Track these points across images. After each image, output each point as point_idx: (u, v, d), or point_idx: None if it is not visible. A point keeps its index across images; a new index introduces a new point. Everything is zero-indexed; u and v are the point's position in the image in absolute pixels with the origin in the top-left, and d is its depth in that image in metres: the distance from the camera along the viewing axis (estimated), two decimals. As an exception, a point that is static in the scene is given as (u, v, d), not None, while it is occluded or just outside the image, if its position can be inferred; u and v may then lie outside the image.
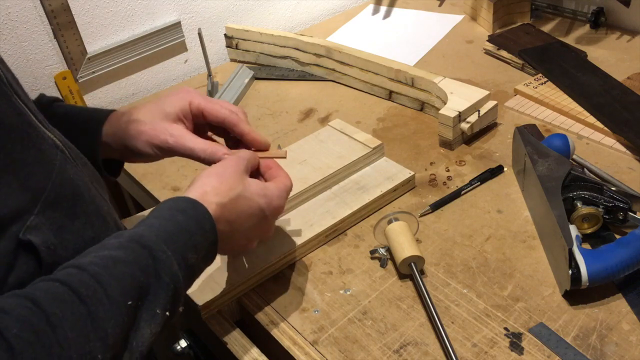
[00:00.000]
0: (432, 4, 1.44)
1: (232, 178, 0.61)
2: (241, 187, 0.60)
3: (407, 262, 0.71)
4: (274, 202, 0.63)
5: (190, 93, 0.70)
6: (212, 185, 0.59)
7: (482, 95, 0.94)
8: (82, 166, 0.60)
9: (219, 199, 0.58)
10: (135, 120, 0.68)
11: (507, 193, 0.85)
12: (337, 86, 1.16)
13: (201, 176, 0.61)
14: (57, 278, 0.46)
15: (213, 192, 0.59)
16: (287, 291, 0.74)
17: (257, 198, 0.62)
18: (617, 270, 0.65)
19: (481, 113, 0.93)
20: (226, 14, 1.30)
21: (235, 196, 0.60)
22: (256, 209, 0.62)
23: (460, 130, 0.92)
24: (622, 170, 0.85)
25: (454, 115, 0.90)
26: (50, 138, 0.55)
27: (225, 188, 0.59)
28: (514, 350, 0.63)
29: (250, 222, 0.62)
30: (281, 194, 0.64)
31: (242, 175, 0.62)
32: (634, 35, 1.18)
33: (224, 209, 0.58)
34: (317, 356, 0.65)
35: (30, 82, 1.08)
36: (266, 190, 0.63)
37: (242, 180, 0.61)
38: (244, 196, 0.61)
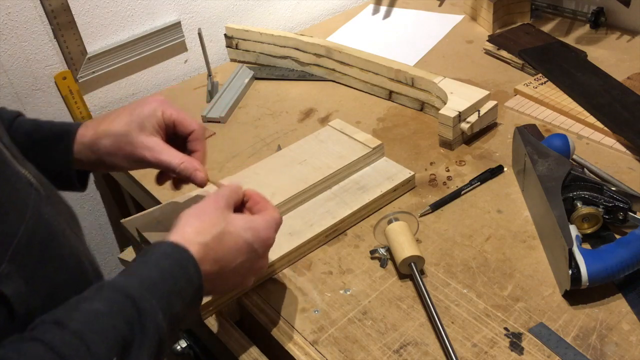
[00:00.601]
0: (432, 4, 1.44)
1: (213, 215, 0.58)
2: (224, 223, 0.58)
3: (407, 262, 0.71)
4: (262, 234, 0.60)
5: (162, 103, 0.69)
6: (193, 225, 0.57)
7: (482, 95, 0.94)
8: (56, 203, 0.58)
9: (202, 238, 0.56)
10: (112, 134, 0.66)
11: (507, 193, 0.85)
12: (337, 86, 1.16)
13: (181, 217, 0.59)
14: (37, 337, 0.43)
15: (194, 232, 0.56)
16: (287, 291, 0.74)
17: (243, 232, 0.59)
18: (617, 270, 0.65)
19: (481, 113, 0.93)
20: (226, 14, 1.30)
21: (218, 233, 0.57)
22: (243, 244, 0.59)
23: (460, 130, 0.92)
24: (622, 170, 0.85)
25: (454, 115, 0.90)
26: (24, 175, 0.53)
27: (207, 226, 0.57)
28: (514, 350, 0.63)
29: (239, 258, 0.59)
30: (269, 225, 0.61)
31: (223, 211, 0.59)
32: (634, 35, 1.18)
33: (207, 248, 0.56)
34: (317, 356, 0.65)
35: (30, 82, 1.08)
36: (252, 223, 0.60)
37: (224, 216, 0.59)
38: (228, 232, 0.58)
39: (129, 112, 0.67)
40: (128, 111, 0.68)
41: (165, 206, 0.84)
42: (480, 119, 0.93)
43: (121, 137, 0.66)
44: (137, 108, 0.68)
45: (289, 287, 0.74)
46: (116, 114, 0.68)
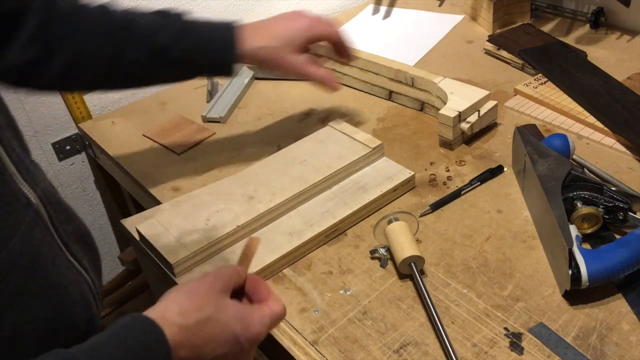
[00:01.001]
0: (432, 4, 1.44)
1: (205, 297, 0.53)
2: (213, 309, 0.53)
3: (407, 262, 0.71)
4: (252, 329, 0.54)
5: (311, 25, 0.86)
6: (179, 304, 0.52)
7: (482, 95, 0.94)
8: (63, 223, 0.57)
9: (184, 321, 0.51)
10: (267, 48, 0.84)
11: (507, 193, 0.85)
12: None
13: (170, 291, 0.54)
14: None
15: (177, 312, 0.51)
16: (287, 291, 0.74)
17: (232, 323, 0.53)
18: (617, 270, 0.65)
19: (481, 113, 0.93)
20: (226, 14, 1.30)
21: (204, 318, 0.52)
22: (229, 336, 0.53)
23: (460, 130, 0.92)
24: (622, 170, 0.85)
25: (454, 115, 0.90)
26: (24, 194, 0.52)
27: (194, 308, 0.52)
28: (514, 350, 0.63)
29: (220, 350, 0.53)
30: (263, 320, 0.55)
31: (217, 294, 0.54)
32: (634, 35, 1.18)
33: (188, 332, 0.51)
34: (317, 356, 0.65)
35: (30, 82, 1.08)
36: (244, 314, 0.54)
37: (217, 301, 0.54)
38: (216, 319, 0.52)
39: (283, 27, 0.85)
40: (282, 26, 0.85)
41: (165, 206, 0.84)
42: (480, 119, 0.93)
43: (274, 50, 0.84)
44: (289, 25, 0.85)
45: (289, 287, 0.74)
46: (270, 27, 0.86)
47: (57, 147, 1.16)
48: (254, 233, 0.79)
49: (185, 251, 0.74)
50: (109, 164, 1.08)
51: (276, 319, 0.57)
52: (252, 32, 0.84)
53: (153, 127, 1.08)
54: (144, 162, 1.00)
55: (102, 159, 1.12)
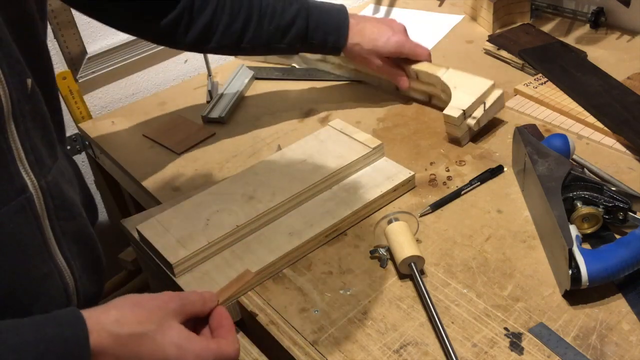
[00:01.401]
0: (432, 4, 1.44)
1: (150, 313, 0.52)
2: (154, 327, 0.51)
3: (407, 262, 0.71)
4: (188, 359, 0.52)
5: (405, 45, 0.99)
6: (120, 312, 0.51)
7: (486, 86, 0.93)
8: (60, 219, 0.58)
9: (116, 329, 0.49)
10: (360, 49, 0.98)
11: (507, 193, 0.85)
12: (337, 86, 1.16)
13: (121, 297, 0.53)
14: None
15: (114, 319, 0.50)
16: (287, 291, 0.74)
17: (168, 347, 0.51)
18: (617, 270, 0.65)
19: (487, 106, 0.93)
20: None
21: (139, 333, 0.50)
22: (160, 357, 0.51)
23: (467, 126, 0.92)
24: (622, 170, 0.85)
25: (459, 115, 0.90)
26: (22, 180, 0.53)
27: (133, 320, 0.50)
28: (514, 350, 0.63)
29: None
30: (202, 354, 0.53)
31: (165, 314, 0.52)
32: (634, 35, 1.18)
33: (116, 342, 0.49)
34: (317, 356, 0.65)
35: (30, 82, 1.08)
36: (186, 342, 0.52)
37: (161, 320, 0.52)
38: (152, 338, 0.50)
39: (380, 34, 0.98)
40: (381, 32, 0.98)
41: (165, 206, 0.84)
42: (487, 112, 0.93)
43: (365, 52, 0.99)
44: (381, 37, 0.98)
45: (289, 287, 0.74)
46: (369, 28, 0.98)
47: (57, 147, 1.16)
48: (254, 233, 0.79)
49: (185, 251, 0.74)
50: (109, 164, 1.08)
51: (222, 359, 0.54)
52: (355, 24, 0.97)
53: (153, 127, 1.08)
54: (144, 162, 1.00)
55: (102, 159, 1.12)
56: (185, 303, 0.55)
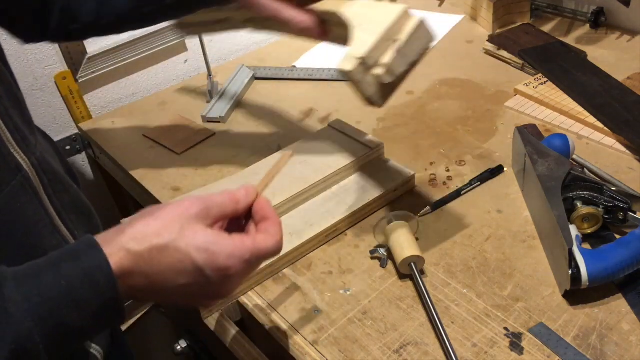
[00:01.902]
0: (432, 4, 1.44)
1: (168, 222, 0.48)
2: (174, 235, 0.48)
3: (407, 262, 0.71)
4: (221, 261, 0.48)
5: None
6: (137, 227, 0.48)
7: (394, 15, 0.63)
8: (56, 192, 0.58)
9: (136, 246, 0.47)
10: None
11: (507, 193, 0.85)
12: (337, 86, 1.16)
13: (139, 214, 0.51)
14: None
15: (131, 236, 0.47)
16: (287, 291, 0.74)
17: (194, 252, 0.48)
18: (617, 270, 0.65)
19: (400, 44, 0.62)
20: (226, 14, 1.30)
21: (160, 245, 0.47)
22: (189, 266, 0.48)
23: (375, 80, 0.63)
24: (622, 170, 0.85)
25: (354, 66, 0.61)
26: (14, 159, 0.53)
27: (152, 233, 0.48)
28: (514, 350, 0.63)
29: (180, 280, 0.48)
30: (235, 254, 0.49)
31: (186, 219, 0.49)
32: (634, 35, 1.18)
33: (139, 258, 0.47)
34: (317, 356, 0.65)
35: (30, 82, 1.08)
36: (213, 245, 0.48)
37: (182, 227, 0.48)
38: (175, 247, 0.47)
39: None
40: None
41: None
42: (402, 53, 0.63)
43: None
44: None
45: (289, 287, 0.74)
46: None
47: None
48: (254, 233, 0.79)
49: (185, 251, 0.74)
50: (109, 164, 1.08)
51: (261, 255, 0.50)
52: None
53: (153, 127, 1.08)
54: (144, 162, 1.00)
55: (102, 159, 1.12)
56: (209, 206, 0.50)
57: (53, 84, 1.11)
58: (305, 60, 1.26)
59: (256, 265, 0.51)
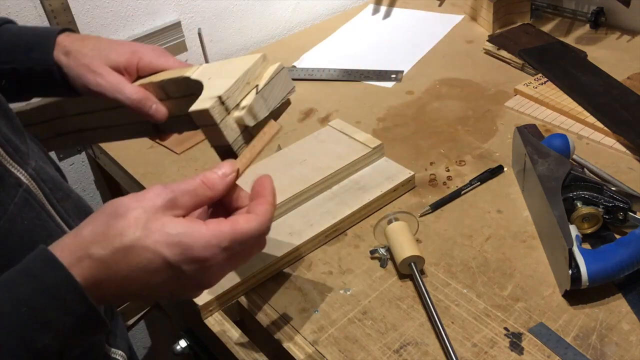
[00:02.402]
0: (432, 4, 1.44)
1: (131, 218, 0.43)
2: (139, 232, 0.43)
3: (407, 262, 0.71)
4: (196, 253, 0.43)
5: (141, 49, 0.63)
6: (94, 231, 0.43)
7: (251, 61, 0.59)
8: (60, 201, 0.55)
9: (98, 250, 0.42)
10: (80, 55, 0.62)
11: (507, 193, 0.85)
12: (337, 86, 1.16)
13: (94, 213, 0.45)
14: None
15: (91, 239, 0.43)
16: (287, 291, 0.74)
17: (164, 249, 0.43)
18: (617, 270, 0.65)
19: (260, 87, 0.58)
20: (226, 14, 1.30)
21: (125, 246, 0.42)
22: (160, 264, 0.43)
23: (237, 124, 0.56)
24: (622, 170, 0.85)
25: (212, 104, 0.53)
26: (13, 174, 0.50)
27: (113, 233, 0.42)
28: (514, 350, 0.63)
29: (153, 280, 0.44)
30: (211, 242, 0.44)
31: (152, 213, 0.44)
32: (634, 35, 1.18)
33: (103, 264, 0.42)
34: (317, 356, 0.65)
35: (30, 82, 1.08)
36: (186, 237, 0.43)
37: (147, 222, 0.43)
38: (140, 246, 0.42)
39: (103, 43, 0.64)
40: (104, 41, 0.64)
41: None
42: (264, 96, 0.58)
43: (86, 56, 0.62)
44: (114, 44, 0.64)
45: (289, 287, 0.74)
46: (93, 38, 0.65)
47: (57, 147, 1.16)
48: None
49: (185, 251, 0.74)
50: (109, 164, 1.08)
51: (244, 239, 0.45)
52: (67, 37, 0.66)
53: (153, 127, 1.08)
54: (144, 162, 1.00)
55: (102, 159, 1.12)
56: (176, 195, 0.45)
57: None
58: (305, 60, 1.26)
59: (242, 250, 0.46)
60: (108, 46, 0.63)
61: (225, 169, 0.48)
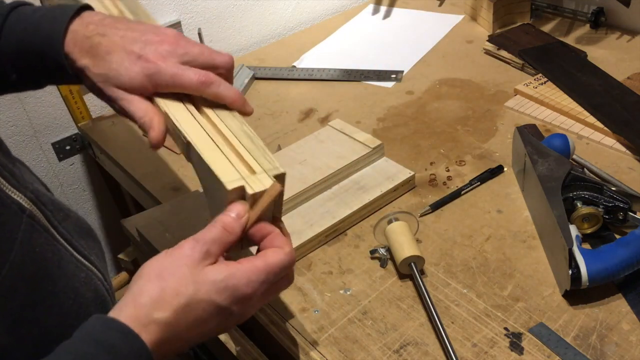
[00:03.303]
0: (432, 4, 1.44)
1: (179, 276, 0.46)
2: (192, 288, 0.45)
3: (407, 262, 0.71)
4: (241, 292, 0.47)
5: (158, 71, 0.55)
6: (151, 296, 0.45)
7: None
8: (61, 222, 0.54)
9: (162, 314, 0.44)
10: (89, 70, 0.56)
11: (507, 193, 0.85)
12: (337, 86, 1.16)
13: (139, 278, 0.47)
14: None
15: (152, 305, 0.44)
16: (287, 291, 0.74)
17: (215, 296, 0.46)
18: (617, 270, 0.65)
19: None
20: (226, 14, 1.30)
21: (183, 304, 0.45)
22: (214, 311, 0.46)
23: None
24: (622, 170, 0.85)
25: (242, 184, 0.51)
26: (15, 201, 0.49)
27: (170, 294, 0.45)
28: (514, 350, 0.63)
29: (208, 327, 0.47)
30: (251, 279, 0.47)
31: (194, 267, 0.46)
32: (634, 35, 1.18)
33: (168, 326, 0.45)
34: (317, 356, 0.65)
35: (30, 82, 1.08)
36: (230, 279, 0.47)
37: (194, 276, 0.46)
38: (196, 300, 0.45)
39: (119, 58, 0.55)
40: (119, 56, 0.55)
41: (165, 206, 0.84)
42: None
43: (97, 79, 0.56)
44: (130, 63, 0.55)
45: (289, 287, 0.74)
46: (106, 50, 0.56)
47: (57, 147, 1.16)
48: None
49: (185, 251, 0.74)
50: (109, 164, 1.08)
51: (276, 271, 0.49)
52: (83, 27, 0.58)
53: (153, 127, 1.08)
54: (144, 162, 1.00)
55: (102, 159, 1.12)
56: (209, 246, 0.48)
57: (53, 84, 1.11)
58: (305, 60, 1.26)
59: (274, 282, 0.49)
60: (119, 63, 0.55)
61: (238, 210, 0.50)
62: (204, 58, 0.58)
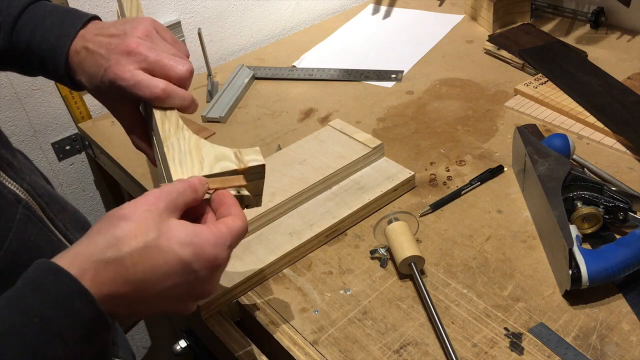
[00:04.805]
0: (432, 4, 1.44)
1: (140, 221, 0.44)
2: (153, 234, 0.44)
3: (407, 262, 0.71)
4: (207, 252, 0.46)
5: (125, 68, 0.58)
6: (107, 233, 0.44)
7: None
8: (57, 214, 0.54)
9: (112, 254, 0.43)
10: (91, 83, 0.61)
11: (507, 193, 0.85)
12: (337, 86, 1.16)
13: (100, 220, 0.46)
14: None
15: (105, 244, 0.43)
16: (287, 291, 0.74)
17: (179, 248, 0.44)
18: (617, 270, 0.65)
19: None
20: (226, 14, 1.30)
21: (140, 247, 0.43)
22: (176, 264, 0.44)
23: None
24: (622, 170, 0.85)
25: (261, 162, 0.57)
26: (11, 191, 0.49)
27: (127, 236, 0.43)
28: (514, 350, 0.63)
29: (168, 281, 0.45)
30: (219, 241, 0.46)
31: (159, 215, 0.45)
32: (634, 35, 1.18)
33: (120, 266, 0.43)
34: (317, 356, 0.65)
35: (30, 82, 1.08)
36: (195, 236, 0.45)
37: (158, 224, 0.45)
38: (158, 245, 0.44)
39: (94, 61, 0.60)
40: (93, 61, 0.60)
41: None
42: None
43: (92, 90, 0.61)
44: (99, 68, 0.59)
45: (289, 287, 0.74)
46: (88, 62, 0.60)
47: (57, 147, 1.16)
48: (254, 233, 0.79)
49: (185, 251, 0.74)
50: (109, 164, 1.08)
51: (235, 237, 0.48)
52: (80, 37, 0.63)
53: (153, 127, 1.08)
54: (144, 162, 1.00)
55: (102, 159, 1.12)
56: (175, 197, 0.47)
57: (53, 84, 1.11)
58: (305, 60, 1.26)
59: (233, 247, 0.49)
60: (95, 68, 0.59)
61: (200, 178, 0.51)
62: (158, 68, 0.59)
